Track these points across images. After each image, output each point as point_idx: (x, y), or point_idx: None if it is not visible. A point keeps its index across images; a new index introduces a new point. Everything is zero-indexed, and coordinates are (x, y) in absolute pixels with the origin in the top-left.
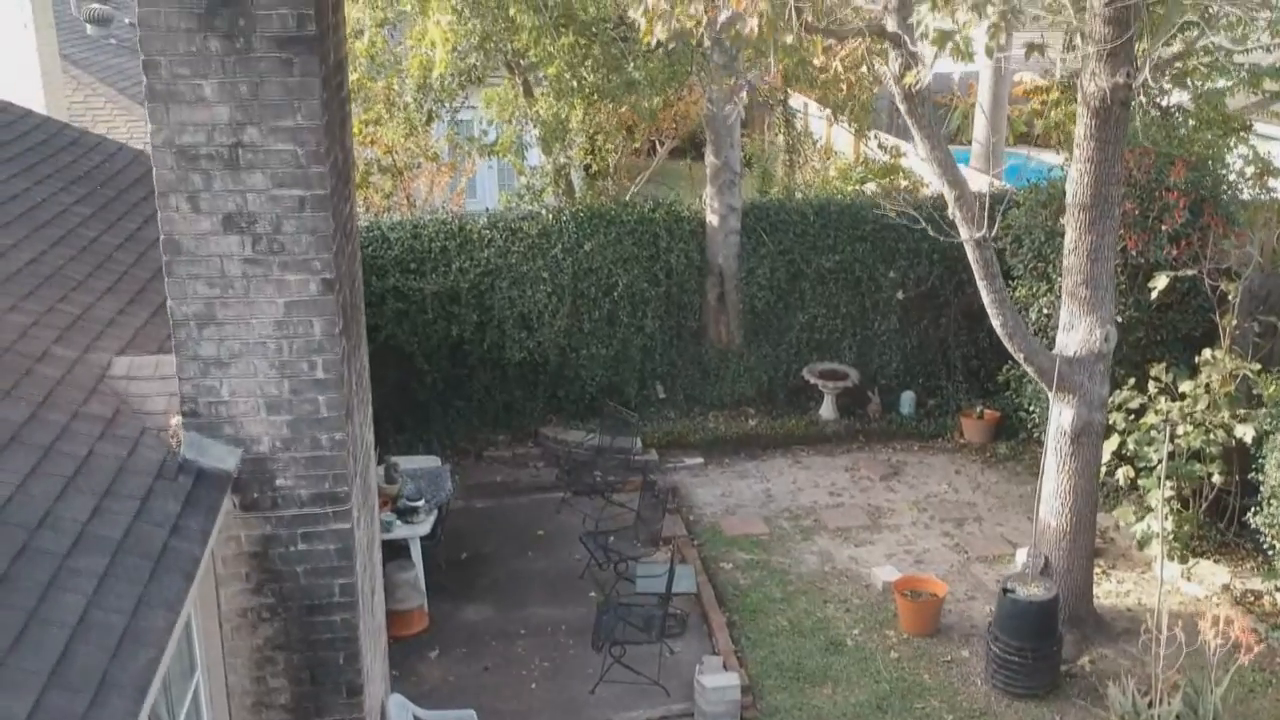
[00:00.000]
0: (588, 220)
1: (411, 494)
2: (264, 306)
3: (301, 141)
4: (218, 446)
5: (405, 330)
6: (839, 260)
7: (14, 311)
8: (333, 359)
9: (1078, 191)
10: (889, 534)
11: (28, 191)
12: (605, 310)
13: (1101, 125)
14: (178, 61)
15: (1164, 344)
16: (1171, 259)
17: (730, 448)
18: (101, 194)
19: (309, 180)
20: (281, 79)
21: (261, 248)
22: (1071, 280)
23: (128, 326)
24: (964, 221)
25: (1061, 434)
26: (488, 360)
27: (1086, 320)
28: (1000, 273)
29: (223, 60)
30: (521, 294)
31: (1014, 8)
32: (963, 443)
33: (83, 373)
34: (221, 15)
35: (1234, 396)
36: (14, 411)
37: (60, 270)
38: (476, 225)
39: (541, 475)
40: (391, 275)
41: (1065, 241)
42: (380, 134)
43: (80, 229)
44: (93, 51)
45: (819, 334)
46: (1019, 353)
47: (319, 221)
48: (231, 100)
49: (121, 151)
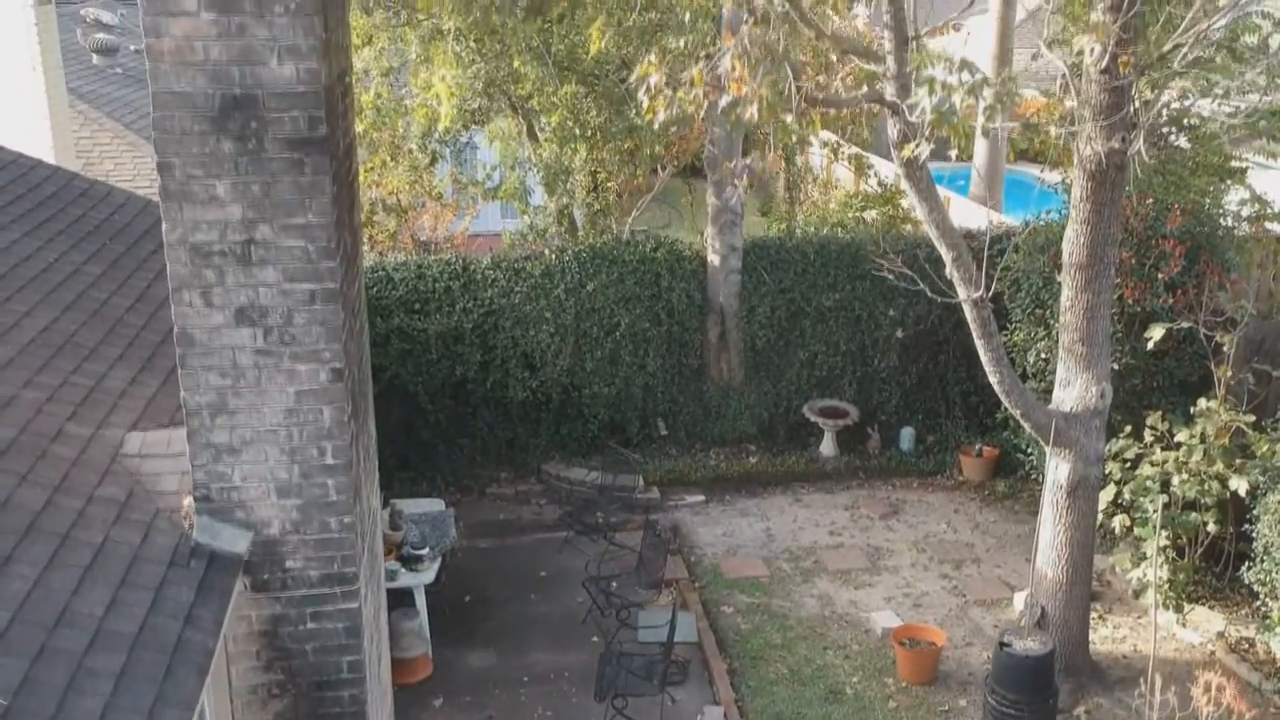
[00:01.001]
0: (590, 260)
1: (416, 541)
2: (275, 395)
3: (312, 238)
4: (229, 530)
5: (409, 370)
6: (839, 298)
7: (29, 387)
8: (342, 444)
9: (1074, 251)
10: (888, 576)
11: (40, 251)
12: (607, 349)
13: (1097, 188)
14: (191, 163)
15: (1160, 391)
16: (1168, 308)
17: (731, 485)
18: (111, 249)
19: (320, 274)
20: (293, 178)
21: (273, 339)
22: (1068, 337)
23: (139, 397)
24: (961, 281)
25: (1058, 488)
26: (491, 399)
27: (1083, 377)
28: (997, 331)
29: (235, 161)
30: (524, 334)
31: (1010, 90)
32: (961, 480)
33: (97, 451)
34: (234, 118)
35: (1228, 448)
36: (32, 497)
37: (72, 338)
38: (480, 265)
39: (544, 513)
40: (396, 315)
41: (1062, 299)
42: (385, 179)
43: (91, 291)
44: (99, 83)
45: (819, 371)
46: (1016, 409)
47: (329, 314)
48: (244, 199)
49: (130, 202)
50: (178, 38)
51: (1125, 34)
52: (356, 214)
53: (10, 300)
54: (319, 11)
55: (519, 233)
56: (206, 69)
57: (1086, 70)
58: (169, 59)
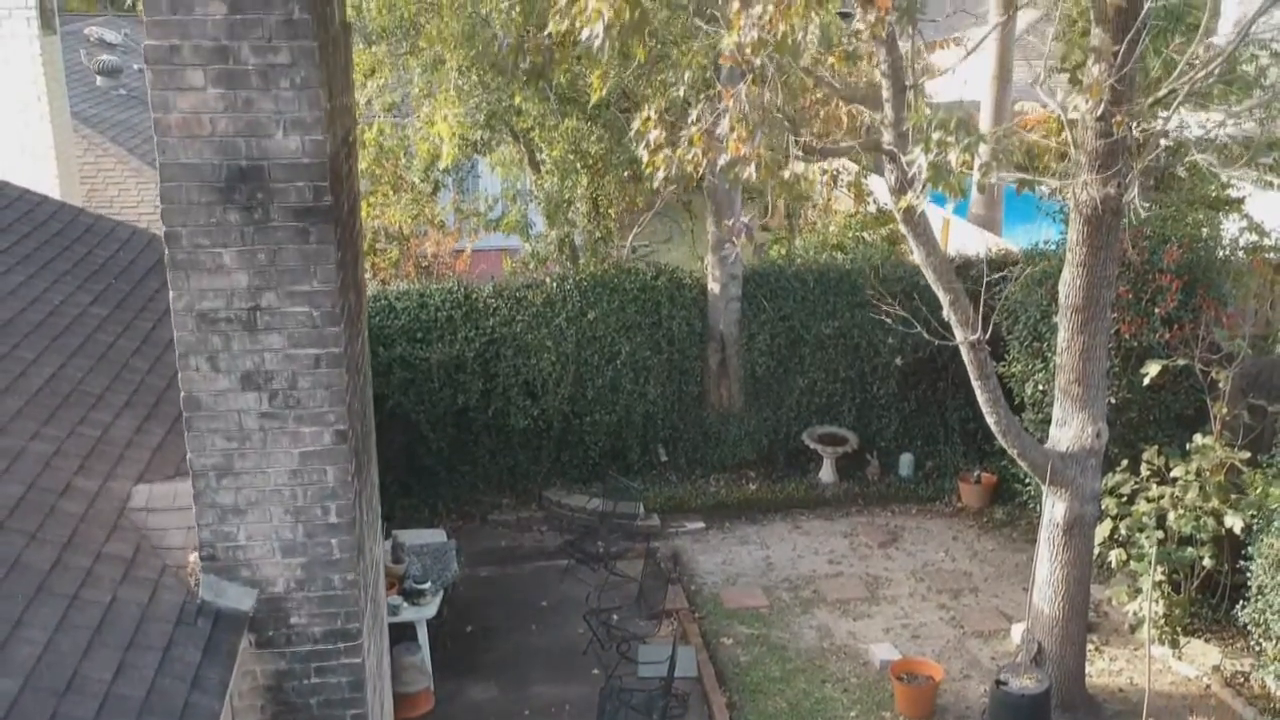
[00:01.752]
0: (591, 288)
1: (418, 575)
2: (279, 457)
3: (317, 304)
4: (235, 588)
5: (411, 398)
6: (838, 326)
7: (36, 440)
8: (345, 504)
9: (1070, 294)
10: (887, 606)
11: (46, 293)
12: (608, 377)
13: (1093, 232)
14: (198, 232)
15: (1157, 424)
16: (1164, 343)
17: (731, 512)
18: (117, 289)
19: (324, 339)
20: (298, 246)
21: (278, 403)
22: (1065, 378)
23: (145, 447)
24: (959, 324)
25: (1054, 525)
26: (493, 426)
27: (1079, 416)
28: (994, 372)
29: (241, 230)
30: (526, 362)
31: (1005, 147)
32: (960, 506)
33: (104, 506)
34: (240, 189)
35: (1224, 485)
36: (40, 557)
37: (79, 385)
38: (482, 294)
39: (545, 540)
40: (398, 344)
41: (1059, 340)
42: (387, 212)
43: (97, 334)
44: (103, 106)
45: (819, 398)
46: (1013, 449)
47: (333, 377)
48: (250, 267)
49: (134, 238)
50: (185, 112)
51: (1120, 86)
52: (359, 269)
53: (18, 346)
54: (323, 85)
55: (520, 260)
56: (213, 141)
57: (1083, 118)
58: (176, 132)
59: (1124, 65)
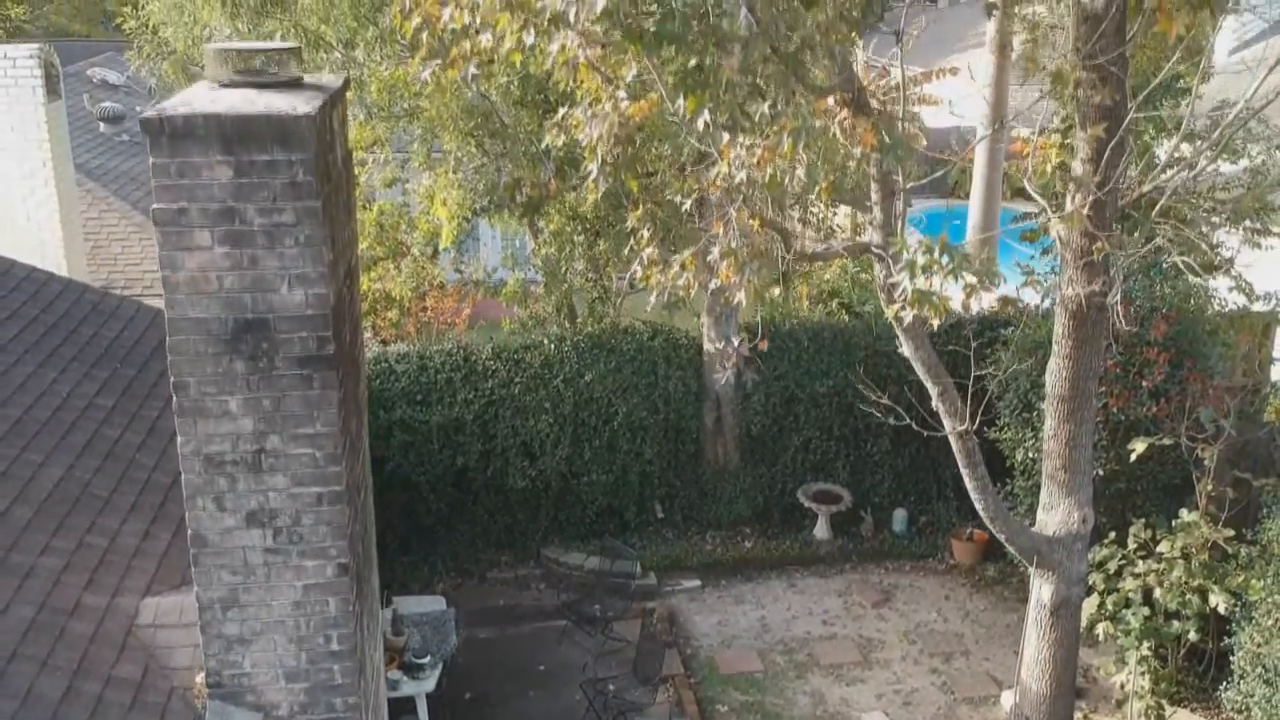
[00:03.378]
0: (588, 350)
1: (418, 649)
2: (283, 590)
3: (320, 445)
4: (240, 713)
5: (411, 460)
6: (832, 385)
7: (46, 554)
8: (346, 632)
9: (1056, 384)
10: (879, 670)
11: (54, 385)
12: (605, 438)
13: (1079, 326)
14: (205, 381)
15: (1144, 494)
16: (1151, 416)
17: (727, 570)
18: (122, 374)
19: (326, 478)
20: (302, 393)
21: (281, 539)
22: (1051, 464)
23: (152, 554)
24: (948, 415)
25: (1041, 606)
26: (491, 486)
27: (1065, 502)
28: (982, 460)
29: (247, 379)
30: (524, 424)
31: (990, 271)
32: (953, 564)
33: (112, 626)
34: (246, 341)
35: (1208, 564)
36: (52, 685)
37: (87, 489)
38: (481, 356)
39: (543, 598)
40: (399, 407)
41: (1045, 427)
42: (390, 284)
43: (104, 429)
44: (106, 155)
45: (813, 455)
46: (1001, 534)
47: (335, 514)
48: (255, 413)
49: (139, 315)
50: (193, 270)
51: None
52: (360, 389)
53: (27, 448)
54: (326, 241)
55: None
56: (220, 297)
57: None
58: (185, 289)
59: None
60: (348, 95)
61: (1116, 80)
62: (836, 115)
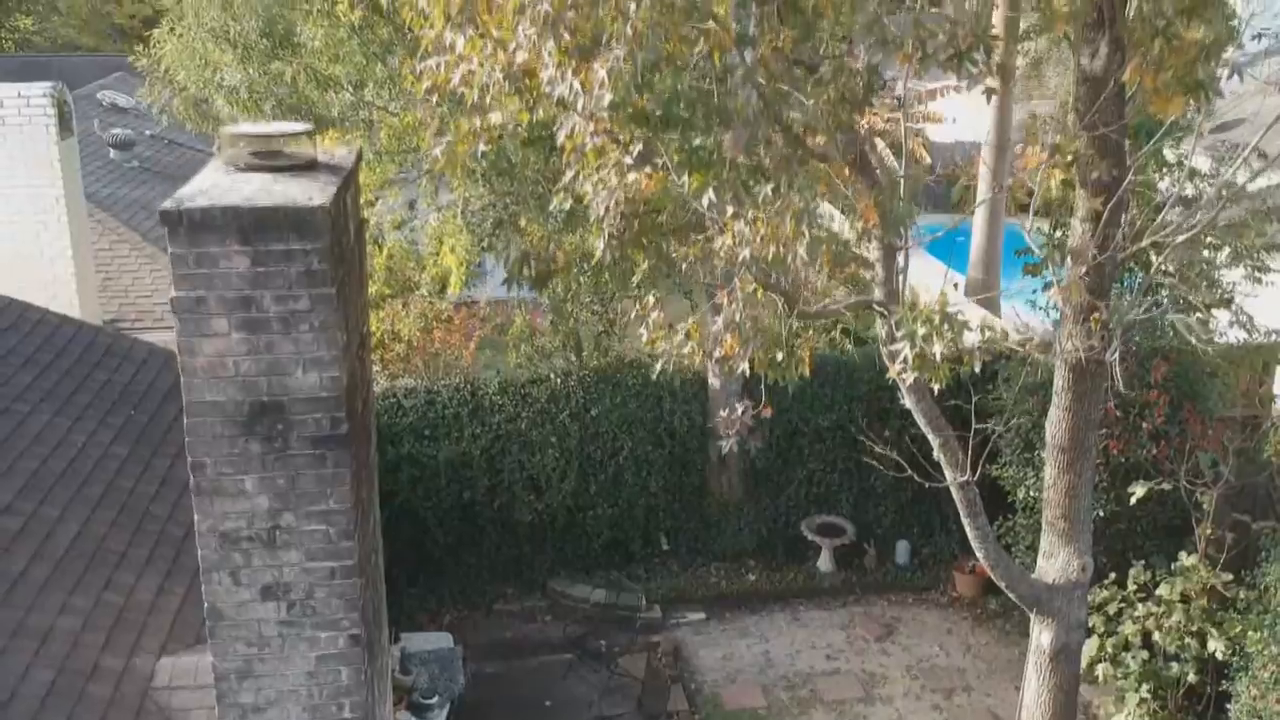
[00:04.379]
0: (594, 384)
1: (425, 689)
2: (297, 660)
3: (333, 522)
4: None
5: (419, 495)
6: (835, 419)
7: (64, 613)
8: (359, 700)
9: (1057, 434)
10: (881, 707)
11: (70, 434)
12: (611, 472)
13: (1078, 380)
14: (222, 462)
15: (1144, 534)
16: (1151, 458)
17: (731, 603)
18: (136, 421)
19: (339, 553)
20: (316, 471)
21: (295, 611)
22: (1051, 513)
23: (167, 611)
24: (949, 466)
25: (1040, 652)
26: (498, 520)
27: (1065, 550)
28: (983, 510)
29: (262, 459)
30: (531, 458)
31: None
32: (955, 596)
33: (129, 689)
34: (262, 422)
35: (1207, 609)
36: None
37: (103, 544)
38: (488, 391)
39: (549, 630)
40: (406, 442)
41: (1045, 475)
42: (397, 325)
43: (119, 480)
44: (116, 183)
45: (817, 488)
46: (1002, 581)
47: (348, 587)
48: (270, 491)
49: (151, 357)
50: (210, 355)
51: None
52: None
53: (44, 502)
54: (341, 325)
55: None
56: (237, 381)
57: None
58: (202, 374)
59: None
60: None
61: (1115, 146)
62: (839, 175)
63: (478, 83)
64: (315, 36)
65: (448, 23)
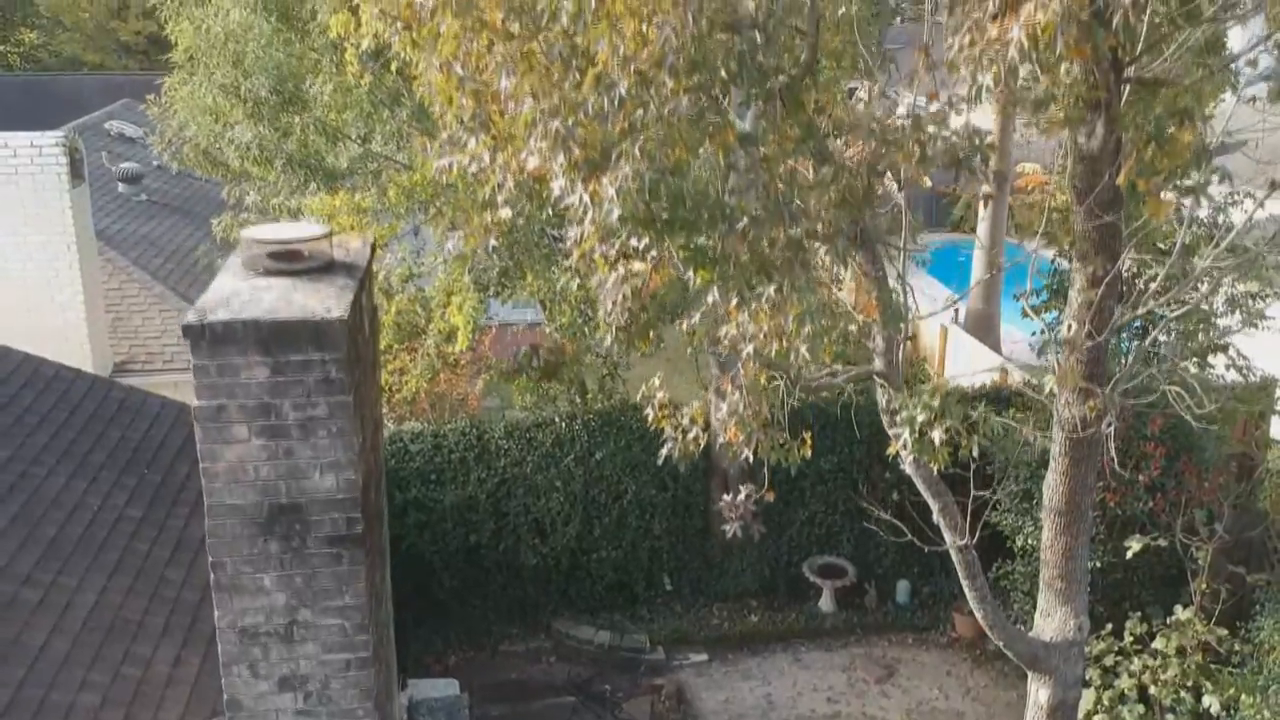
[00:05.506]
0: (599, 428)
1: None
2: None
3: (349, 616)
4: None
5: (426, 539)
6: (837, 461)
7: (84, 689)
8: None
9: (1054, 497)
10: None
11: (85, 497)
12: (615, 515)
13: (1075, 445)
14: (241, 561)
15: (1140, 584)
16: (1148, 510)
17: (734, 644)
18: (149, 480)
19: (354, 646)
20: (332, 570)
21: (312, 701)
22: (1048, 573)
23: (183, 683)
24: (948, 529)
25: (1038, 708)
26: (503, 563)
27: (1062, 610)
28: (982, 571)
29: (280, 558)
30: (536, 502)
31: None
32: (955, 637)
33: None
34: (280, 523)
35: (1202, 664)
36: None
37: (120, 612)
38: (494, 435)
39: (554, 671)
40: (413, 486)
41: (1043, 537)
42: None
43: (134, 543)
44: (125, 219)
45: (818, 529)
46: (1000, 640)
47: (363, 678)
48: (288, 589)
49: (164, 411)
50: (231, 461)
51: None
52: (384, 535)
53: (63, 571)
54: (357, 430)
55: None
56: (257, 485)
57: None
58: (223, 479)
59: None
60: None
61: (1111, 237)
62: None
63: (490, 181)
64: (324, 91)
65: (461, 125)
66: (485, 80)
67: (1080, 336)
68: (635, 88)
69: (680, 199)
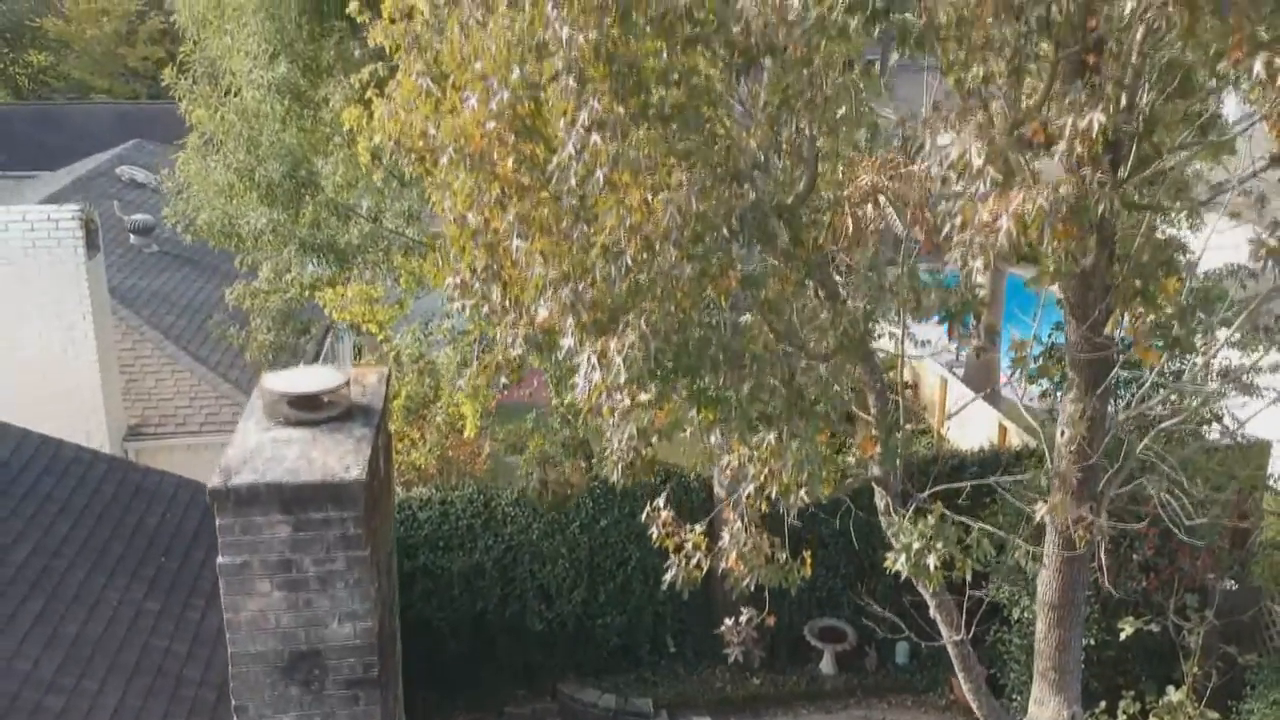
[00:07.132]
0: (604, 495)
1: None
2: None
3: None
4: None
5: (433, 606)
6: (838, 528)
7: None
8: None
9: (1047, 593)
10: None
11: (105, 592)
12: (620, 581)
13: (1067, 545)
14: (263, 704)
15: (1134, 660)
16: (1142, 590)
17: (736, 707)
18: (167, 570)
19: None
20: (349, 710)
21: None
22: (1042, 664)
23: None
24: (945, 624)
25: None
26: (509, 628)
27: (1055, 700)
28: (977, 664)
29: (300, 700)
30: (542, 568)
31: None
32: (952, 699)
33: None
34: (300, 669)
35: None
36: None
37: (140, 716)
38: (501, 502)
39: None
40: (421, 554)
41: (1036, 631)
42: (415, 458)
43: (152, 640)
44: (137, 273)
45: (820, 592)
46: None
47: None
48: None
49: (180, 491)
50: (254, 611)
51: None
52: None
53: (85, 675)
54: (374, 580)
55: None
56: (277, 634)
57: (1059, 448)
58: (245, 629)
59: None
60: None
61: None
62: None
63: (502, 327)
64: (336, 172)
65: (474, 275)
66: (497, 229)
67: (1070, 470)
68: (641, 253)
69: (684, 349)
